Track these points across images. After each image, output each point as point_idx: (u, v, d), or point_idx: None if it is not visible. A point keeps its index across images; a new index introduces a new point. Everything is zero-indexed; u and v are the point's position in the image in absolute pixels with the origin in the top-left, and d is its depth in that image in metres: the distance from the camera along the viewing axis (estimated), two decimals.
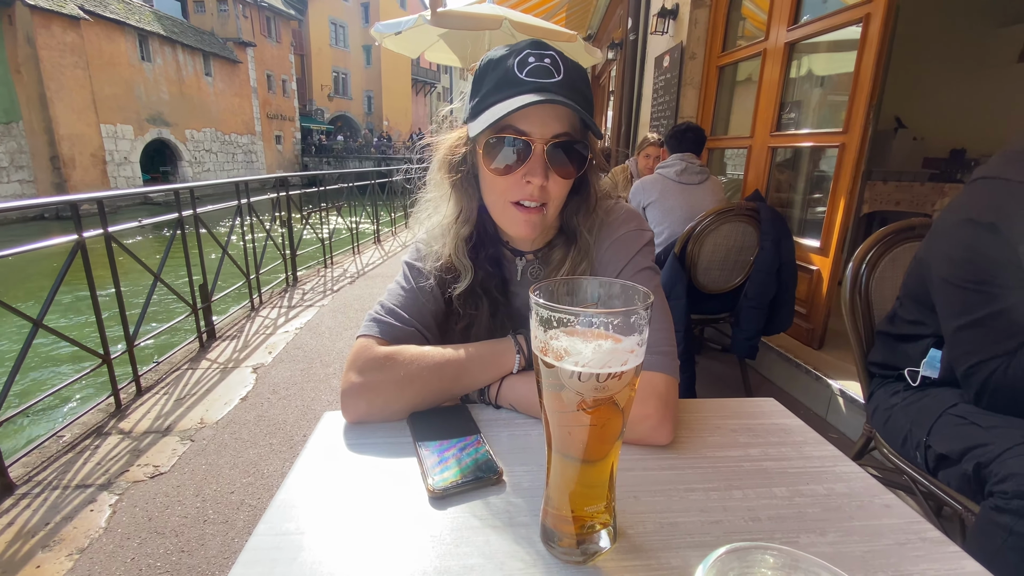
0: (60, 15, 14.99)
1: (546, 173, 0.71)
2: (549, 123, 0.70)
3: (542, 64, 0.69)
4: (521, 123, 0.70)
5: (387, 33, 4.36)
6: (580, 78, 0.72)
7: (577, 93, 0.70)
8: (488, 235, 0.83)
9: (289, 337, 3.44)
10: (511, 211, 0.75)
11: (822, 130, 2.93)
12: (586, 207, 0.80)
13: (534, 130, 0.70)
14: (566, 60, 0.71)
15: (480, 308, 0.82)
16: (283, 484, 0.58)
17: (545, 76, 0.69)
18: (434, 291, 0.83)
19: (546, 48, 0.71)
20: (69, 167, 15.72)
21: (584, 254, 0.79)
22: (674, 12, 4.29)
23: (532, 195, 0.72)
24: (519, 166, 0.71)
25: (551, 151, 0.71)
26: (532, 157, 0.71)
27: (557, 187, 0.73)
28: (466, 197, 0.80)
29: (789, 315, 2.38)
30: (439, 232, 0.81)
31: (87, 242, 2.30)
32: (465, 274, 0.81)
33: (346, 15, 35.20)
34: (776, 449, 0.66)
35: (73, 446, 2.18)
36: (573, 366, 0.41)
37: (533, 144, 0.70)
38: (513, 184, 0.73)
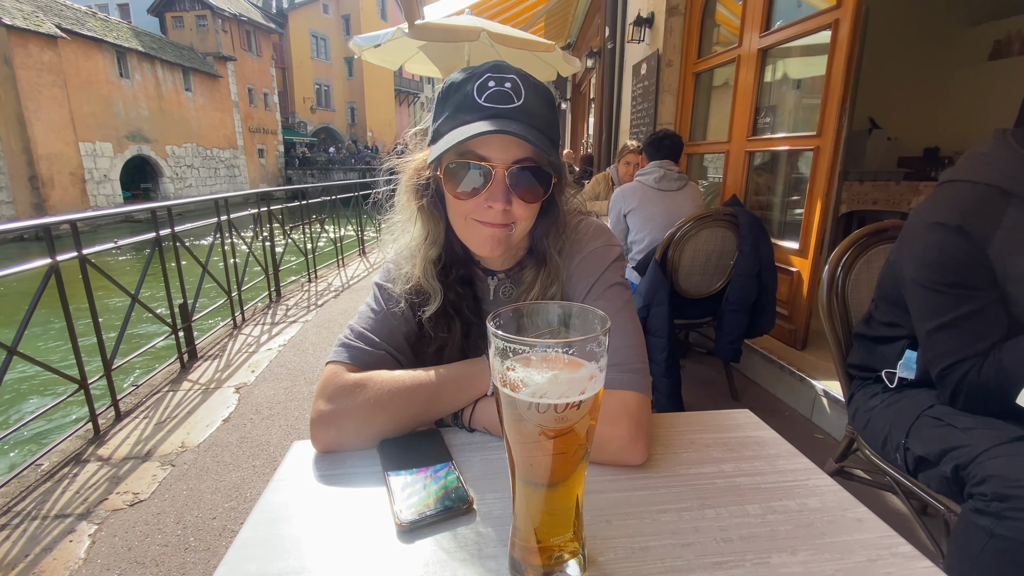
0: (37, 34, 14.81)
1: (508, 197, 0.70)
2: (509, 149, 0.69)
3: (502, 89, 0.68)
4: (481, 149, 0.69)
5: (366, 46, 4.36)
6: (542, 101, 0.71)
7: (537, 117, 0.69)
8: (457, 256, 0.83)
9: (272, 355, 3.39)
10: (475, 227, 0.74)
11: (797, 133, 2.97)
12: (555, 229, 0.79)
13: (494, 155, 0.69)
14: (528, 82, 0.70)
15: (452, 329, 0.81)
16: (246, 521, 0.57)
17: (504, 101, 0.68)
18: (405, 312, 0.81)
19: (507, 71, 0.70)
20: (48, 187, 15.47)
21: (554, 277, 0.78)
22: (649, 20, 4.34)
23: (495, 219, 0.71)
24: (481, 190, 0.70)
25: (513, 176, 0.70)
26: (493, 182, 0.70)
27: (522, 210, 0.72)
28: (432, 220, 0.79)
29: (771, 317, 2.40)
30: (407, 254, 0.80)
31: (62, 265, 2.25)
32: (435, 296, 0.79)
33: (327, 28, 35.22)
34: (750, 463, 0.66)
35: (52, 475, 2.12)
36: (531, 397, 0.41)
37: (494, 169, 0.69)
38: (475, 207, 0.72)
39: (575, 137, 11.03)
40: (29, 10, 15.05)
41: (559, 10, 6.98)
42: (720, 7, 3.90)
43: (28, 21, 14.61)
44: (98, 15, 19.07)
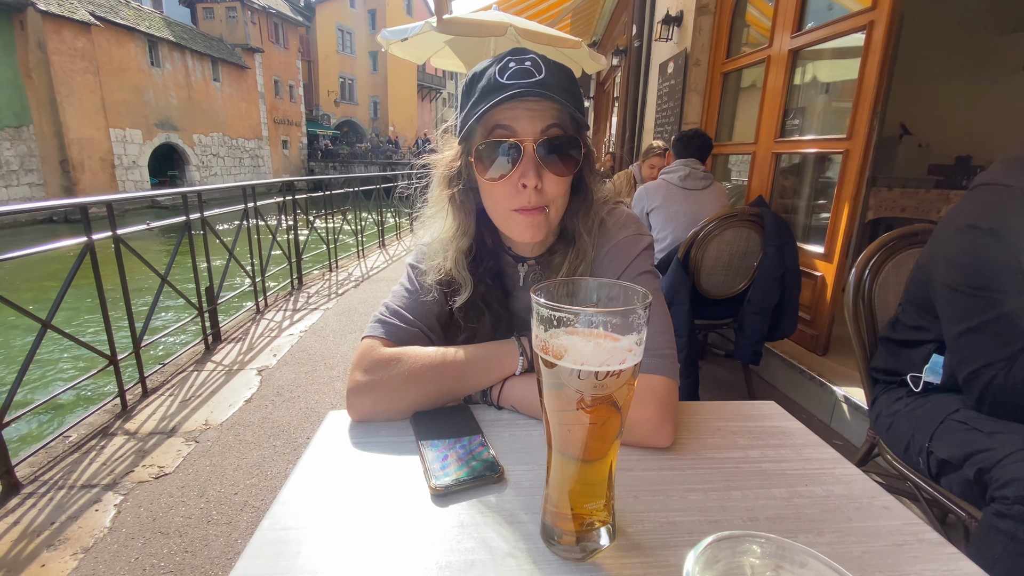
0: (71, 21, 15.20)
1: (539, 173, 0.71)
2: (535, 119, 0.70)
3: (523, 67, 0.69)
4: (508, 122, 0.70)
5: (393, 40, 4.40)
6: (564, 76, 0.72)
7: (561, 89, 0.70)
8: (487, 248, 0.84)
9: (294, 340, 3.46)
10: (514, 217, 0.75)
11: (826, 136, 2.93)
12: (584, 208, 0.80)
13: (521, 127, 0.70)
14: (548, 61, 0.71)
15: (481, 321, 0.83)
16: (287, 482, 0.59)
17: (526, 76, 0.69)
18: (437, 295, 0.84)
19: (527, 52, 0.71)
20: (78, 171, 15.90)
21: (582, 255, 0.79)
22: (678, 19, 4.31)
23: (529, 199, 0.72)
24: (512, 169, 0.71)
25: (541, 149, 0.70)
26: (524, 158, 0.70)
27: (554, 186, 0.73)
28: (463, 211, 0.80)
29: (793, 321, 2.37)
30: (439, 246, 0.81)
31: (95, 244, 2.33)
32: (465, 287, 0.81)
33: (353, 22, 35.52)
34: (775, 451, 0.67)
35: (79, 446, 2.20)
36: (572, 364, 0.42)
37: (523, 144, 0.70)
38: (510, 191, 0.72)
39: (598, 135, 10.99)
40: None
41: (586, 7, 6.96)
42: (751, 7, 3.86)
43: (63, 7, 15.00)
44: (131, 4, 19.51)
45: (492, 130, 0.70)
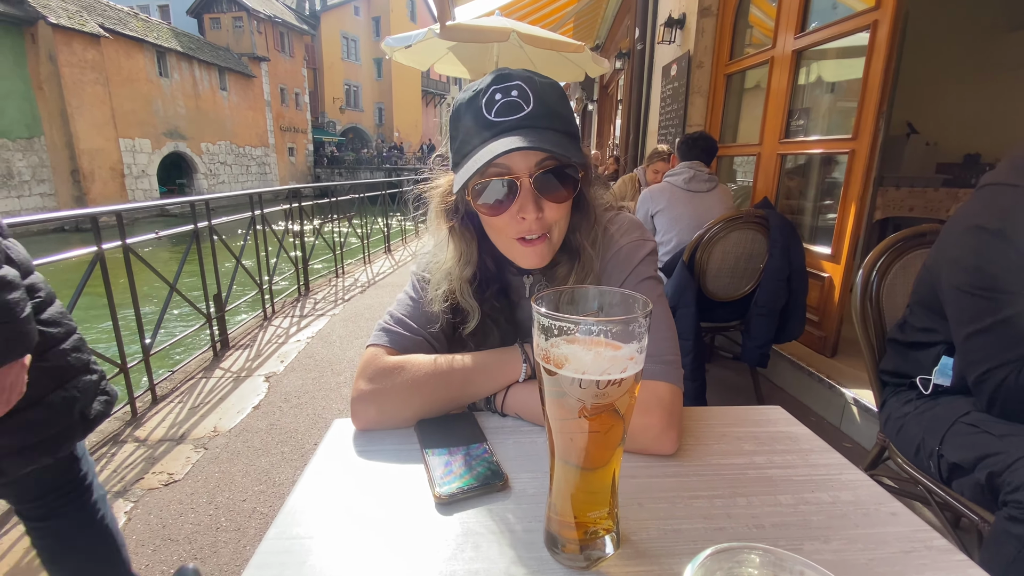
0: (81, 33, 15.44)
1: (538, 204, 0.71)
2: (529, 156, 0.69)
3: (509, 99, 0.68)
4: (502, 162, 0.69)
5: (397, 47, 4.43)
6: (554, 99, 0.70)
7: (551, 117, 0.69)
8: (490, 272, 0.84)
9: (301, 346, 3.48)
10: (516, 247, 0.75)
11: (831, 136, 2.92)
12: (586, 223, 0.79)
13: (516, 166, 0.69)
14: (533, 84, 0.69)
15: (489, 340, 0.83)
16: (293, 490, 0.60)
17: (514, 112, 0.67)
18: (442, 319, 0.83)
19: (511, 79, 0.69)
20: (89, 180, 16.11)
21: (588, 269, 0.79)
22: (681, 22, 4.31)
23: (530, 229, 0.72)
24: (510, 203, 0.70)
25: (538, 182, 0.70)
26: (521, 193, 0.70)
27: (554, 212, 0.73)
28: (464, 241, 0.80)
29: (801, 323, 2.36)
30: (442, 276, 0.81)
31: (105, 253, 2.36)
32: (473, 314, 0.81)
33: (357, 29, 35.83)
34: (782, 457, 0.66)
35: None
36: (574, 373, 0.42)
37: (519, 180, 0.69)
38: (510, 221, 0.72)
39: (602, 138, 10.99)
40: (74, 9, 15.71)
41: (588, 11, 6.98)
42: (754, 8, 3.85)
43: (73, 20, 15.25)
44: (140, 16, 19.79)
45: (487, 169, 0.68)
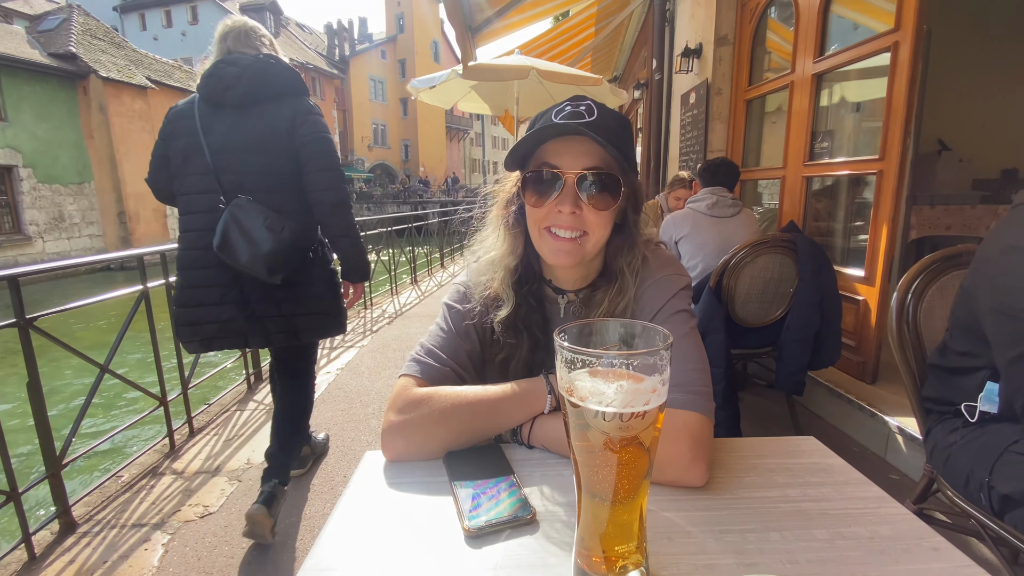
0: (130, 85, 16.58)
1: (576, 202, 0.76)
2: (579, 157, 0.76)
3: (576, 109, 0.76)
4: (553, 158, 0.77)
5: (422, 87, 4.62)
6: (616, 122, 0.77)
7: (609, 133, 0.74)
8: (533, 272, 0.88)
9: (331, 378, 3.54)
10: (547, 239, 0.80)
11: (858, 158, 2.88)
12: (628, 246, 0.83)
13: (564, 163, 0.76)
14: (603, 107, 0.77)
15: (520, 341, 0.86)
16: (327, 522, 0.61)
17: (577, 118, 0.75)
18: (470, 332, 0.87)
19: (584, 99, 0.78)
20: (134, 221, 17.01)
21: (624, 293, 0.82)
22: (698, 51, 4.38)
23: (564, 223, 0.77)
24: (552, 196, 0.77)
25: (582, 182, 0.76)
26: (564, 188, 0.76)
27: (593, 217, 0.77)
28: (512, 233, 0.87)
29: (836, 348, 2.29)
30: (487, 265, 0.88)
31: (149, 291, 2.48)
32: (507, 302, 0.85)
33: (384, 72, 37.44)
34: (816, 490, 0.64)
35: (131, 486, 2.28)
36: (597, 406, 0.43)
37: (564, 176, 0.76)
38: (548, 213, 0.78)
39: None
40: (123, 63, 16.93)
41: (605, 45, 7.15)
42: (771, 34, 3.89)
43: (122, 73, 16.41)
44: (183, 67, 21.17)
45: (541, 164, 0.77)
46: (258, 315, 1.72)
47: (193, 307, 1.72)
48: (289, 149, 1.72)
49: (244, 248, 1.61)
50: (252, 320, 1.72)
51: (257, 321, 1.73)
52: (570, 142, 0.76)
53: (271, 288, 1.71)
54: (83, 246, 16.00)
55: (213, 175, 1.68)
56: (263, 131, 1.69)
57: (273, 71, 1.71)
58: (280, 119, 1.70)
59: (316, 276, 1.82)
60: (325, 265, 1.87)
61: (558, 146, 0.77)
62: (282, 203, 1.71)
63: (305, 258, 1.78)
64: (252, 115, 1.70)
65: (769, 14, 3.83)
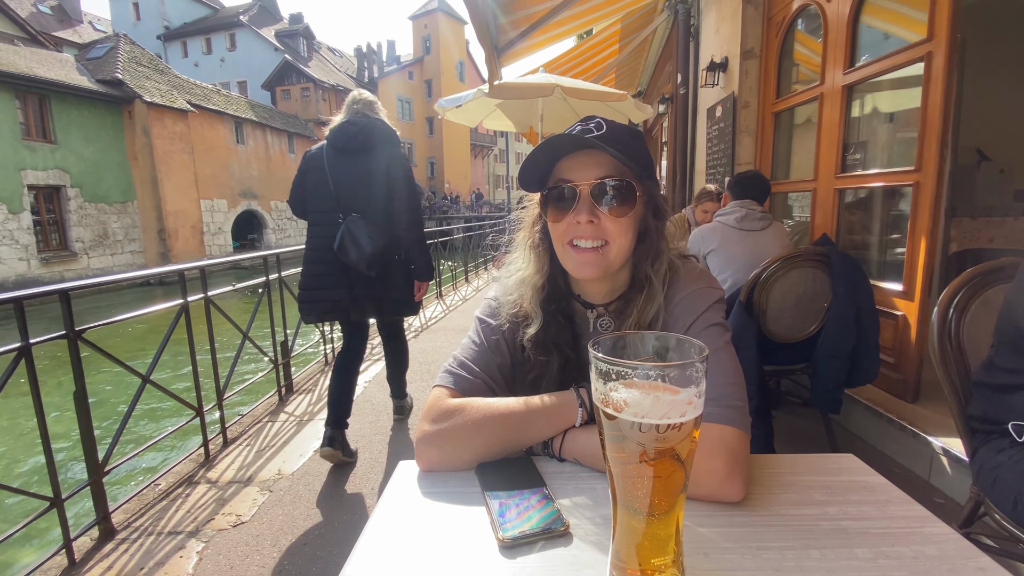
0: (172, 109, 17.41)
1: (593, 211, 0.78)
2: (591, 169, 0.79)
3: (586, 127, 0.78)
4: (567, 173, 0.80)
5: (449, 107, 4.73)
6: (626, 133, 0.80)
7: (621, 143, 0.76)
8: (559, 289, 0.89)
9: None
10: (570, 252, 0.82)
11: (893, 169, 2.81)
12: (653, 254, 0.84)
13: (578, 176, 0.79)
14: (612, 123, 0.79)
15: (550, 359, 0.87)
16: (364, 531, 0.62)
17: (585, 135, 0.77)
18: (501, 346, 0.88)
19: (593, 118, 0.80)
20: (173, 238, 17.72)
21: (653, 300, 0.82)
22: (723, 65, 4.37)
23: (583, 233, 0.79)
24: (569, 209, 0.79)
25: (596, 191, 0.78)
26: (580, 199, 0.79)
27: (611, 225, 0.79)
28: (538, 253, 0.89)
29: (874, 365, 2.21)
30: (515, 284, 0.90)
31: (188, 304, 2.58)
32: (535, 320, 0.87)
33: (411, 92, 38.37)
34: (857, 508, 0.63)
35: (167, 494, 2.35)
36: (633, 417, 0.44)
37: (579, 187, 0.79)
38: (569, 227, 0.80)
39: None
40: (165, 88, 17.81)
41: (629, 61, 7.19)
42: (798, 47, 3.86)
43: (164, 98, 17.27)
44: (221, 91, 22.16)
45: (557, 180, 0.81)
46: (358, 297, 2.41)
47: (314, 289, 2.43)
48: (384, 184, 2.38)
49: (353, 250, 2.30)
50: (354, 300, 2.42)
51: (357, 301, 2.42)
52: (582, 156, 0.79)
53: (368, 279, 2.39)
54: (125, 262, 16.72)
55: (334, 200, 2.37)
56: (368, 171, 2.37)
57: (378, 129, 2.40)
58: (380, 162, 2.38)
59: (397, 273, 2.49)
60: (403, 266, 2.52)
61: (571, 162, 0.80)
62: (378, 221, 2.36)
63: (391, 260, 2.44)
64: (362, 159, 2.37)
65: (796, 26, 3.80)
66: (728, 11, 4.35)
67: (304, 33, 32.37)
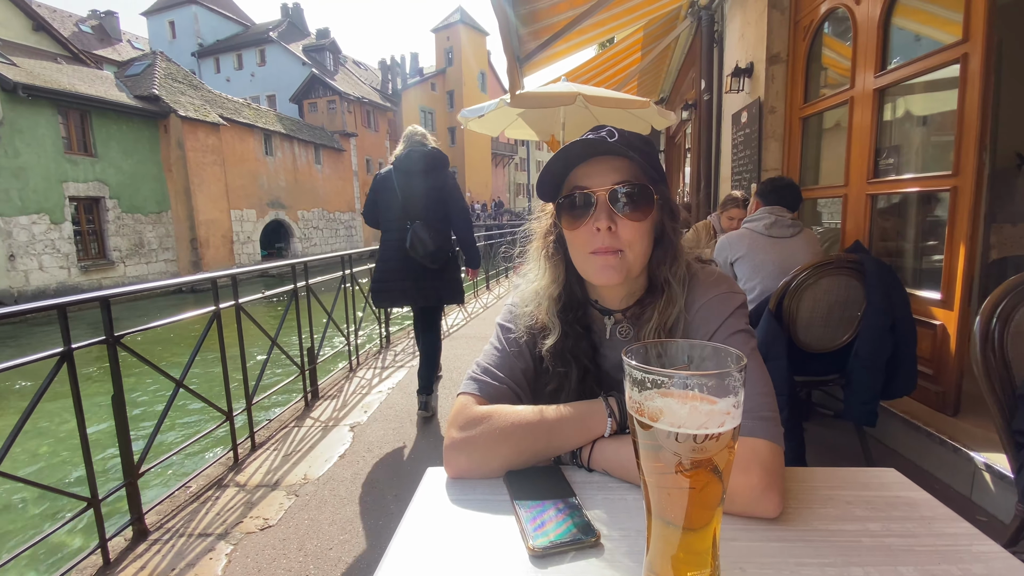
0: (205, 123, 18.03)
1: (611, 217, 0.78)
2: (607, 174, 0.79)
3: (598, 136, 0.78)
4: (583, 180, 0.80)
5: (471, 117, 4.78)
6: (639, 141, 0.80)
7: (634, 148, 0.77)
8: (576, 298, 0.89)
9: (382, 397, 3.63)
10: (590, 259, 0.81)
11: (929, 174, 2.73)
12: (670, 257, 0.83)
13: (593, 182, 0.79)
14: (624, 131, 0.79)
15: (569, 372, 0.86)
16: (395, 535, 0.63)
17: (599, 140, 0.77)
18: (523, 351, 0.88)
19: (604, 127, 0.80)
20: (204, 247, 18.27)
21: (672, 304, 0.81)
22: (748, 70, 4.31)
23: (604, 242, 0.78)
24: (587, 217, 0.79)
25: (613, 197, 0.78)
26: (597, 206, 0.78)
27: (628, 231, 0.78)
28: (553, 263, 0.88)
29: (911, 376, 2.13)
30: (531, 295, 0.89)
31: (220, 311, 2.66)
32: (553, 331, 0.86)
33: (433, 103, 38.94)
34: (900, 524, 0.61)
35: (198, 496, 2.41)
36: (669, 427, 0.43)
37: (595, 194, 0.78)
38: (587, 235, 0.80)
39: (670, 188, 10.90)
40: (199, 103, 18.47)
41: (652, 68, 7.16)
42: (826, 50, 3.78)
43: (198, 112, 17.91)
44: (251, 105, 22.87)
45: (572, 188, 0.80)
46: (421, 286, 3.06)
47: (386, 280, 3.09)
48: (439, 198, 3.04)
49: (420, 248, 2.93)
50: (418, 288, 3.06)
51: (420, 289, 3.07)
52: (596, 163, 0.79)
53: (430, 271, 3.03)
54: (159, 270, 17.30)
55: (402, 210, 3.00)
56: (428, 187, 3.01)
57: (432, 155, 3.04)
58: (436, 180, 3.04)
59: (452, 266, 3.15)
60: (456, 261, 3.22)
61: (586, 169, 0.80)
62: (436, 225, 2.99)
63: (447, 256, 3.05)
64: (421, 178, 3.00)
65: (824, 30, 3.74)
66: (753, 16, 4.30)
67: (330, 47, 33.22)
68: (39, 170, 13.86)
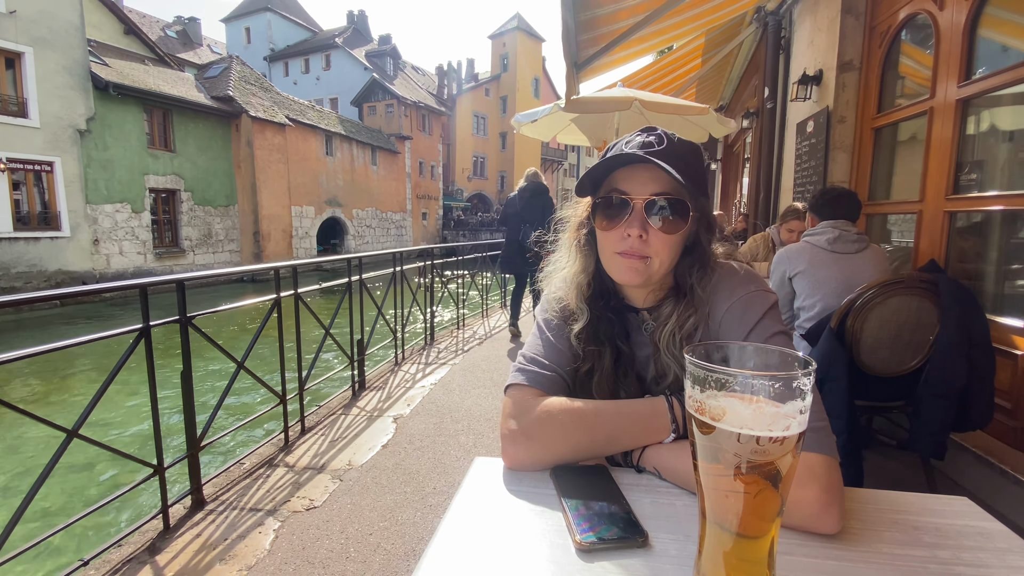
0: (272, 123, 19.09)
1: (644, 226, 0.78)
2: (647, 184, 0.78)
3: (647, 139, 0.78)
4: (622, 184, 0.80)
5: (525, 122, 4.82)
6: (687, 150, 0.79)
7: (678, 160, 0.76)
8: (606, 287, 0.90)
9: (425, 391, 3.70)
10: (616, 259, 0.81)
11: (1015, 192, 2.52)
12: (699, 264, 0.82)
13: (633, 189, 0.79)
14: (673, 137, 0.79)
15: (602, 354, 0.86)
16: (443, 519, 0.64)
17: (647, 148, 0.77)
18: (566, 338, 0.89)
19: (655, 130, 0.80)
20: (265, 240, 19.28)
21: (694, 308, 0.81)
22: (817, 78, 4.12)
23: (632, 247, 0.78)
24: (620, 221, 0.79)
25: (649, 207, 0.78)
26: (632, 213, 0.79)
27: (659, 241, 0.78)
28: (584, 253, 0.89)
29: (988, 408, 1.97)
30: (561, 283, 0.91)
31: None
32: (582, 316, 0.87)
33: (487, 108, 39.50)
34: (971, 554, 0.57)
35: (251, 473, 2.54)
36: (732, 427, 0.42)
37: (632, 201, 0.78)
38: (618, 238, 0.80)
39: (726, 198, 10.57)
40: (268, 104, 19.58)
41: (712, 75, 6.97)
42: (904, 58, 3.57)
43: (267, 113, 18.99)
44: (315, 107, 24.00)
45: (611, 190, 0.81)
46: (529, 262, 4.82)
47: (507, 258, 5.22)
48: (542, 213, 4.73)
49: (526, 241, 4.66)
50: (524, 265, 4.96)
51: (526, 264, 4.91)
52: (639, 170, 0.79)
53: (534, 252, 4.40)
54: (224, 259, 18.41)
55: (519, 218, 4.96)
56: (535, 206, 4.89)
57: (540, 185, 5.03)
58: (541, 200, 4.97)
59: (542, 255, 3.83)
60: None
61: (627, 173, 0.80)
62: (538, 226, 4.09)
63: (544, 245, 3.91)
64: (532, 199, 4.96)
65: (902, 37, 3.53)
66: (825, 21, 4.12)
67: (391, 53, 34.38)
68: (124, 162, 15.11)
